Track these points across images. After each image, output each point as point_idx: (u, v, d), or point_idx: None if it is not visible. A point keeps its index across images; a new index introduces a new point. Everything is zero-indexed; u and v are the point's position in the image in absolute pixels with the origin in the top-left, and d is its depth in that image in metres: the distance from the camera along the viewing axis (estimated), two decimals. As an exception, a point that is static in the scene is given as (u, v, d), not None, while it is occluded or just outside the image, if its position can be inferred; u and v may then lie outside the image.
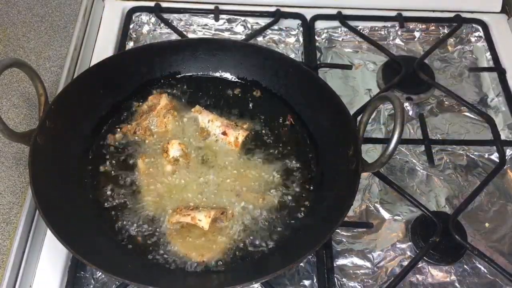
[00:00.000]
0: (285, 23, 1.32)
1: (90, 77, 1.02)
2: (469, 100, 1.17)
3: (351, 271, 0.95)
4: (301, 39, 1.28)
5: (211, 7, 1.32)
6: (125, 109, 1.08)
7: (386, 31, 1.33)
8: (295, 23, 1.32)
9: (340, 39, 1.32)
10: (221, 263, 0.89)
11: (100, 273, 0.93)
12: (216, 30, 1.33)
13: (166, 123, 1.04)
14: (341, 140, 0.96)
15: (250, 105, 1.10)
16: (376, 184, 1.05)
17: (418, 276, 0.95)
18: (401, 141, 0.97)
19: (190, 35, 1.30)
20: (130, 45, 1.28)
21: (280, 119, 1.07)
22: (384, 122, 1.16)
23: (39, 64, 1.15)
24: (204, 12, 1.32)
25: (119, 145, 1.03)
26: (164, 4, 1.32)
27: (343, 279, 0.94)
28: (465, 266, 0.96)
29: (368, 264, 0.96)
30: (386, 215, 1.02)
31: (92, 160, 1.00)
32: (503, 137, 1.12)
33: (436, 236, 0.95)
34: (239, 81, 1.13)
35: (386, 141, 1.09)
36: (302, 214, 0.95)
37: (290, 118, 1.07)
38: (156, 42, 1.16)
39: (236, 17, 1.32)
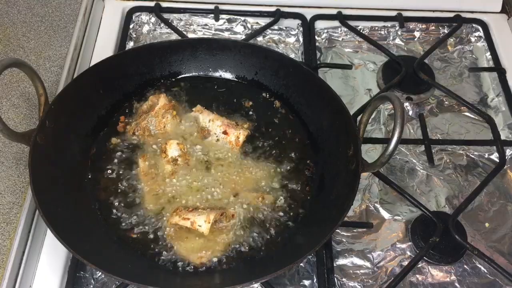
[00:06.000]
0: (285, 23, 1.32)
1: (90, 77, 1.02)
2: (469, 100, 1.17)
3: (351, 271, 0.95)
4: (301, 39, 1.28)
5: (211, 7, 1.32)
6: (125, 109, 1.08)
7: (386, 31, 1.33)
8: (295, 23, 1.32)
9: (340, 39, 1.32)
10: (220, 263, 0.89)
11: (100, 273, 0.93)
12: (216, 30, 1.33)
13: (165, 123, 1.04)
14: (341, 140, 0.96)
15: (250, 105, 1.10)
16: (376, 184, 1.05)
17: (418, 276, 0.95)
18: (401, 141, 0.97)
19: (190, 35, 1.30)
20: (130, 45, 1.28)
21: (278, 118, 1.08)
22: (384, 122, 1.16)
23: (39, 64, 1.15)
24: (204, 12, 1.32)
25: (119, 145, 1.03)
26: (164, 4, 1.32)
27: (343, 279, 0.94)
28: (465, 266, 0.96)
29: (368, 264, 0.96)
30: (386, 215, 1.02)
31: (92, 160, 1.01)
32: (503, 137, 1.12)
33: (436, 236, 0.95)
34: (239, 81, 1.13)
35: (386, 141, 1.09)
36: (302, 214, 0.95)
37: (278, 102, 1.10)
38: (156, 42, 1.16)
39: (236, 17, 1.32)
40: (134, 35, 1.30)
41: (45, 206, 0.83)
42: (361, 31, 1.30)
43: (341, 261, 0.96)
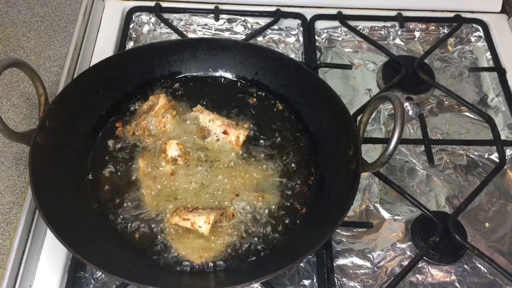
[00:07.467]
0: (285, 23, 1.32)
1: (90, 77, 1.02)
2: (469, 100, 1.17)
3: (351, 271, 0.95)
4: (301, 39, 1.28)
5: (211, 7, 1.32)
6: (125, 109, 1.08)
7: (386, 31, 1.33)
8: (295, 23, 1.32)
9: (340, 39, 1.32)
10: (220, 263, 0.89)
11: (100, 273, 0.93)
12: (216, 30, 1.33)
13: (165, 123, 1.04)
14: (341, 140, 0.96)
15: (251, 105, 1.10)
16: (376, 184, 1.05)
17: (418, 276, 0.95)
18: (401, 141, 0.97)
19: (190, 35, 1.30)
20: (130, 45, 1.28)
21: (278, 117, 1.08)
22: (384, 122, 1.16)
23: (39, 64, 1.15)
24: (204, 12, 1.32)
25: (119, 145, 1.03)
26: (164, 4, 1.32)
27: (343, 279, 0.94)
28: (465, 266, 0.96)
29: (368, 264, 0.96)
30: (386, 215, 1.02)
31: (92, 160, 1.01)
32: (503, 137, 1.12)
33: (436, 236, 0.95)
34: (239, 81, 1.14)
35: (386, 141, 1.09)
36: (302, 213, 0.95)
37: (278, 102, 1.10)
38: (156, 42, 1.16)
39: (236, 17, 1.32)
40: (134, 35, 1.30)
41: (45, 206, 0.83)
42: (361, 31, 1.30)
43: (341, 261, 0.96)
